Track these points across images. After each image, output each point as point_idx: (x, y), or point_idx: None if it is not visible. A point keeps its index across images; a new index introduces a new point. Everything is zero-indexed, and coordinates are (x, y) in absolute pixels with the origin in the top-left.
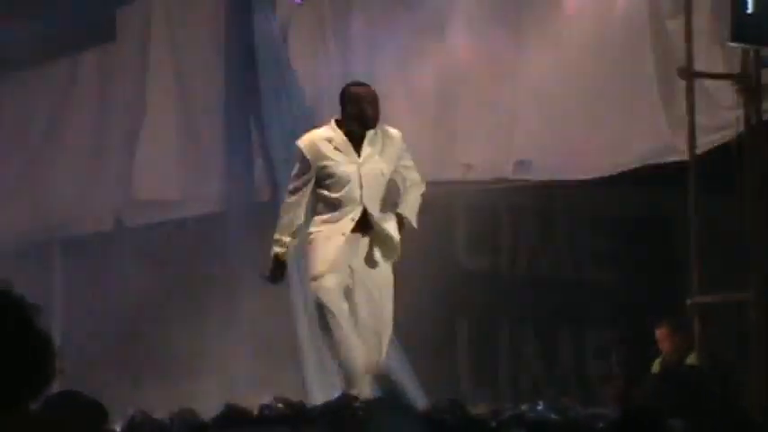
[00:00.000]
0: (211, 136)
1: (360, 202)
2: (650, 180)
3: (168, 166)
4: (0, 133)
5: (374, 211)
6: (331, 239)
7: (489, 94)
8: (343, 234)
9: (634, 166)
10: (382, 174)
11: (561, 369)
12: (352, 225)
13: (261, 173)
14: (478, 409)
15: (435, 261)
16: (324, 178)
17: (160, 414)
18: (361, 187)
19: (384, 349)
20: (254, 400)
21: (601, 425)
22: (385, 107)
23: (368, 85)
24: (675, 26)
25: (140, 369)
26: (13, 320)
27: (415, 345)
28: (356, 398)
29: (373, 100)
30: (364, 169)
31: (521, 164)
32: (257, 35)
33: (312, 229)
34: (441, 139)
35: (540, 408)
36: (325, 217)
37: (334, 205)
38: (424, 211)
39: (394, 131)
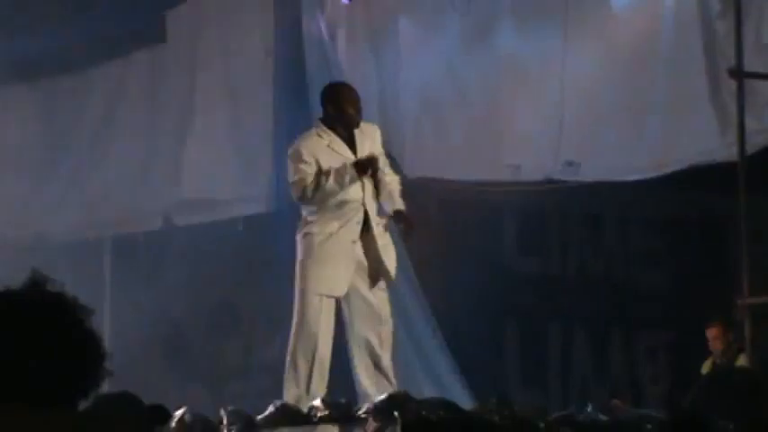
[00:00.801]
0: (260, 136)
1: (362, 202)
2: (700, 180)
3: (217, 166)
4: (53, 133)
5: (371, 211)
6: (338, 253)
7: (537, 94)
8: (354, 242)
9: (683, 166)
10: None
11: (611, 370)
12: (359, 230)
13: None
14: (526, 410)
15: (484, 262)
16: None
17: (210, 414)
18: (363, 188)
19: (387, 347)
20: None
21: (650, 426)
22: (433, 108)
23: (349, 85)
24: (725, 26)
25: (189, 369)
26: (66, 322)
27: (464, 345)
28: (407, 396)
29: (355, 100)
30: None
31: (569, 165)
32: (306, 35)
33: (315, 229)
34: (489, 140)
35: (588, 409)
36: (327, 216)
37: (335, 206)
38: (472, 211)
39: (372, 126)
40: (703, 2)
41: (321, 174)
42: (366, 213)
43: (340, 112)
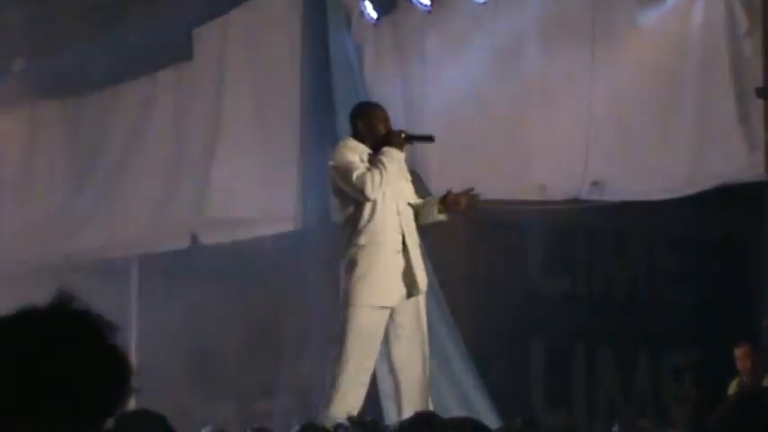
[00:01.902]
0: (287, 154)
1: (397, 211)
2: (727, 200)
3: (244, 184)
4: (79, 151)
5: (406, 223)
6: (387, 262)
7: (564, 114)
8: (398, 252)
9: (710, 186)
10: (408, 189)
11: (637, 390)
12: (400, 240)
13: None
14: (553, 430)
15: (510, 280)
16: None
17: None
18: (396, 198)
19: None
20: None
21: None
22: (459, 126)
23: (379, 105)
24: (752, 45)
25: (216, 387)
26: (92, 339)
27: (490, 364)
28: (433, 415)
29: (386, 119)
30: (397, 184)
31: (595, 184)
32: (333, 54)
33: (361, 241)
34: (515, 159)
35: (615, 429)
36: (370, 229)
37: (376, 229)
38: (499, 230)
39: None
40: (730, 21)
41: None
42: (401, 225)
43: (371, 130)
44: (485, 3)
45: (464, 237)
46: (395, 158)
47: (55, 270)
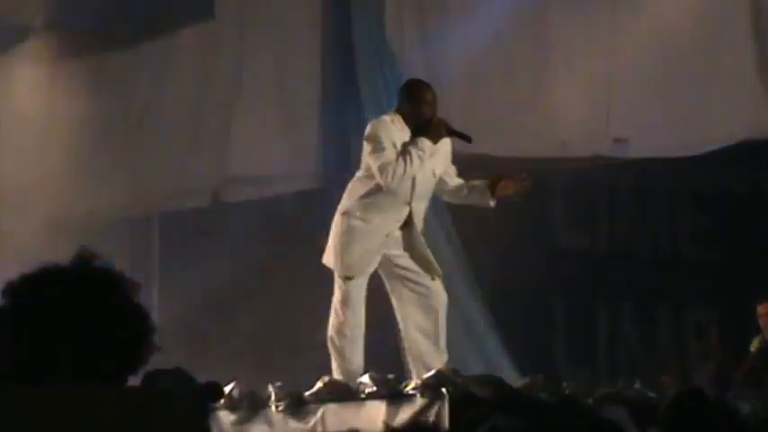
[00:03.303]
0: (308, 113)
1: (409, 201)
2: (749, 156)
3: (264, 142)
4: (101, 108)
5: (418, 212)
6: (371, 237)
7: (586, 70)
8: (387, 235)
9: (733, 142)
10: (434, 174)
11: (660, 347)
12: (397, 227)
13: (357, 153)
14: (575, 387)
15: (532, 238)
16: None
17: (258, 390)
18: (413, 186)
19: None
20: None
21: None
22: (481, 84)
23: (429, 85)
24: None
25: (238, 344)
26: (113, 296)
27: (511, 321)
28: (455, 372)
29: (433, 101)
30: (423, 177)
31: (618, 141)
32: (354, 11)
33: (355, 214)
34: (537, 116)
35: (636, 385)
36: (369, 202)
37: (383, 195)
38: None
39: (445, 138)
40: None
41: (400, 157)
42: (410, 213)
43: (415, 112)
44: None
45: None
46: (425, 151)
47: (76, 227)
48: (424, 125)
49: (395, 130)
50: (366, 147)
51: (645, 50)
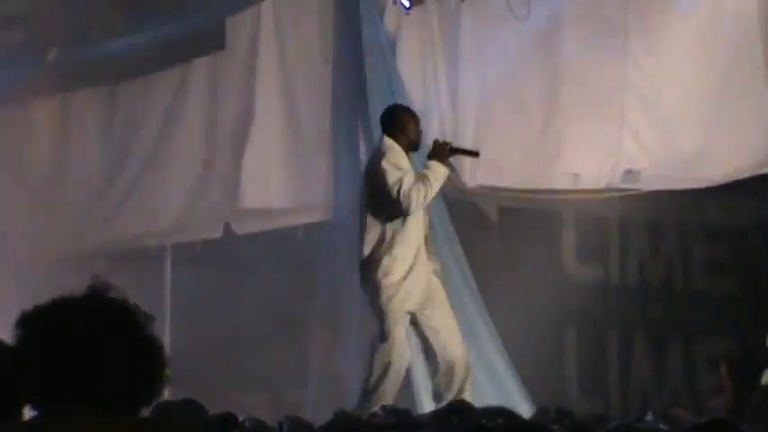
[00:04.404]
0: (319, 144)
1: (425, 230)
2: (762, 187)
3: (276, 174)
4: (112, 140)
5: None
6: (415, 270)
7: (597, 102)
8: (424, 261)
9: (747, 175)
10: None
11: (671, 380)
12: (424, 249)
13: None
14: (586, 419)
15: (544, 270)
16: None
17: (269, 422)
18: (428, 219)
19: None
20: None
21: None
22: (492, 116)
23: (411, 109)
24: None
25: (249, 376)
26: (128, 328)
27: (524, 354)
28: (467, 404)
29: (418, 123)
30: None
31: (629, 173)
32: (365, 43)
33: (398, 251)
34: (548, 148)
35: (648, 417)
36: (409, 238)
37: (413, 225)
38: (532, 219)
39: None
40: (765, 7)
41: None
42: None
43: (408, 134)
44: None
45: (497, 226)
46: (441, 175)
47: (88, 259)
48: (414, 146)
49: (399, 156)
50: (378, 180)
51: (657, 82)
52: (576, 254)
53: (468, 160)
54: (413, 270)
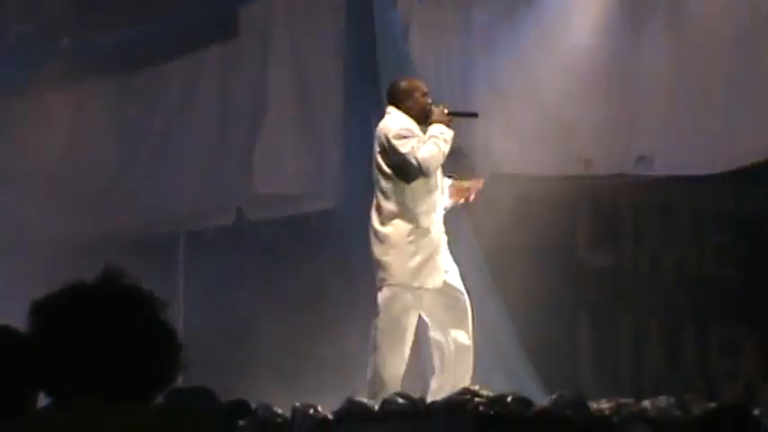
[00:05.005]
0: (331, 132)
1: (441, 190)
2: None
3: (288, 161)
4: (125, 128)
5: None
6: (433, 246)
7: (609, 88)
8: (440, 235)
9: (759, 159)
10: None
11: (685, 366)
12: (442, 223)
13: None
14: (600, 405)
15: (556, 257)
16: None
17: (281, 409)
18: (442, 192)
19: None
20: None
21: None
22: (504, 103)
23: (419, 78)
24: None
25: (262, 363)
26: (141, 315)
27: (536, 341)
28: (478, 393)
29: (428, 90)
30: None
31: (641, 159)
32: (378, 31)
33: (407, 223)
34: (560, 134)
35: (662, 403)
36: (420, 209)
37: (425, 194)
38: (544, 206)
39: None
40: None
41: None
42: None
43: (417, 103)
44: None
45: (509, 213)
46: (448, 137)
47: (101, 246)
48: (425, 115)
49: (411, 123)
50: (392, 148)
51: (669, 67)
52: (590, 240)
53: (479, 146)
54: (425, 246)
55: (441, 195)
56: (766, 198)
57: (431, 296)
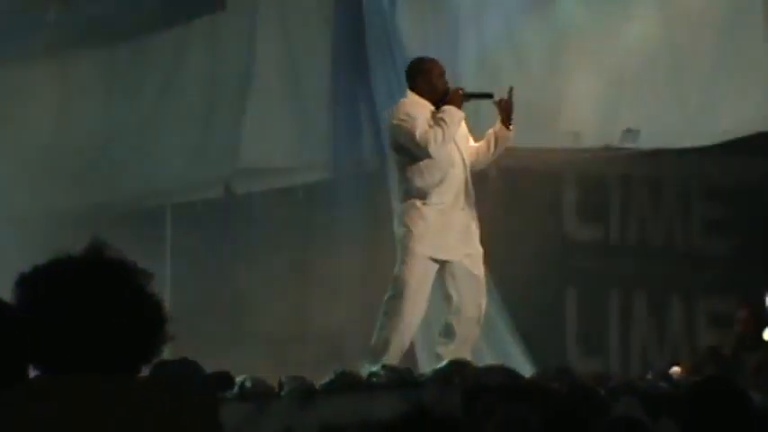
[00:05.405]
0: (319, 104)
1: (463, 167)
2: (763, 146)
3: (276, 134)
4: (113, 100)
5: (468, 178)
6: (450, 220)
7: (596, 61)
8: (462, 209)
9: (746, 133)
10: (467, 137)
11: (672, 338)
12: (463, 198)
13: (368, 143)
14: (587, 378)
15: (544, 230)
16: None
17: (268, 381)
18: (460, 152)
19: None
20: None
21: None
22: (492, 76)
23: (436, 60)
24: None
25: (249, 335)
26: (126, 287)
27: (524, 313)
28: (467, 363)
29: (443, 73)
30: (461, 141)
31: (628, 132)
32: (366, 5)
33: (428, 199)
34: (548, 107)
35: (649, 376)
36: (442, 187)
37: (445, 172)
38: (532, 178)
39: None
40: None
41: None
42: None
43: (429, 85)
44: None
45: (496, 185)
46: (455, 117)
47: (89, 219)
48: (442, 97)
49: (418, 105)
50: (398, 131)
51: (657, 40)
52: (577, 213)
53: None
54: (444, 220)
55: (461, 170)
56: (753, 171)
57: (447, 269)
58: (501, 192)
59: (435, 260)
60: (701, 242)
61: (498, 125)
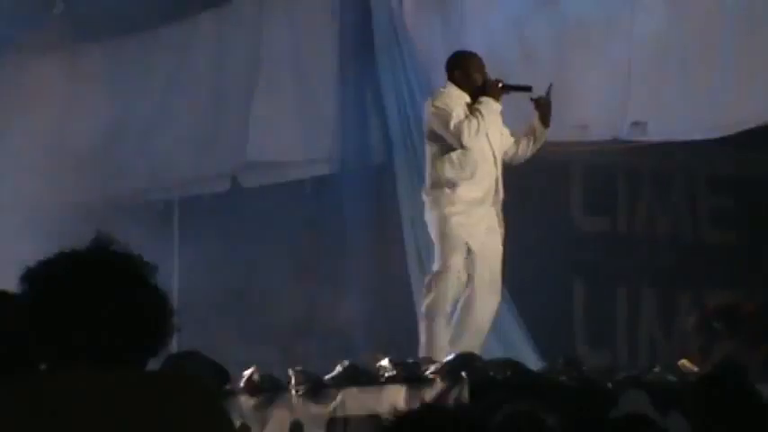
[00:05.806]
0: (326, 98)
1: (494, 163)
2: None
3: (283, 128)
4: (120, 93)
5: (500, 175)
6: (480, 212)
7: (604, 54)
8: (492, 206)
9: (754, 125)
10: (501, 134)
11: (679, 332)
12: (492, 193)
13: (376, 137)
14: (594, 370)
15: (551, 222)
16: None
17: (278, 374)
18: (494, 156)
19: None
20: (370, 360)
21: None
22: (499, 70)
23: (476, 54)
24: None
25: (258, 328)
26: (132, 279)
27: (531, 305)
28: (475, 356)
29: (482, 66)
30: (494, 136)
31: (636, 125)
32: None
33: (458, 191)
34: (556, 99)
35: (656, 369)
36: (472, 181)
37: (475, 167)
38: (540, 171)
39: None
40: None
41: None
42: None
43: (468, 78)
44: None
45: (505, 178)
46: (492, 108)
47: (96, 212)
48: (480, 89)
49: (455, 96)
50: (435, 119)
51: (665, 32)
52: (585, 205)
53: None
54: (477, 210)
55: (492, 166)
56: (763, 164)
57: (470, 258)
58: (509, 185)
59: (468, 247)
60: (709, 236)
61: (537, 121)
